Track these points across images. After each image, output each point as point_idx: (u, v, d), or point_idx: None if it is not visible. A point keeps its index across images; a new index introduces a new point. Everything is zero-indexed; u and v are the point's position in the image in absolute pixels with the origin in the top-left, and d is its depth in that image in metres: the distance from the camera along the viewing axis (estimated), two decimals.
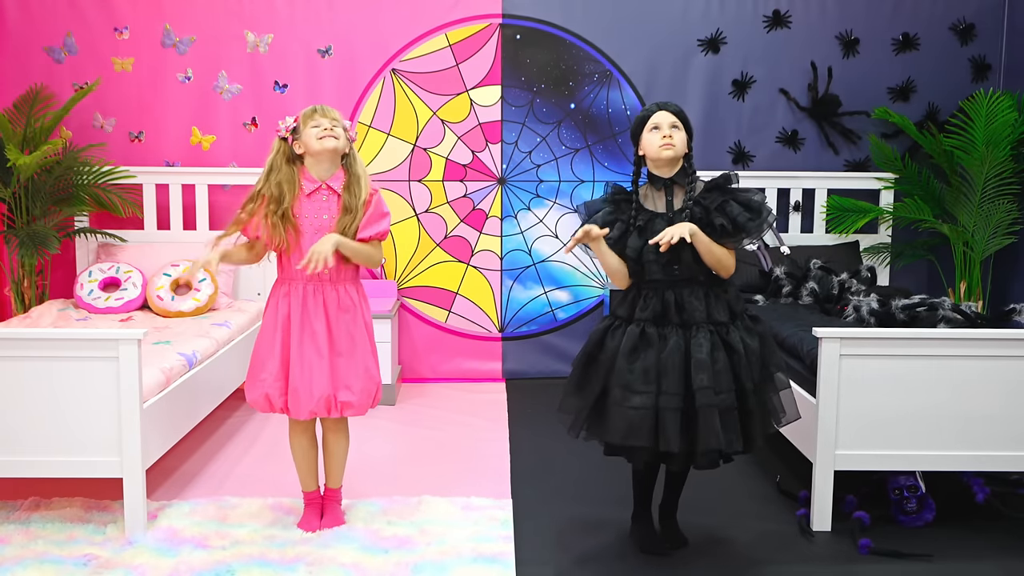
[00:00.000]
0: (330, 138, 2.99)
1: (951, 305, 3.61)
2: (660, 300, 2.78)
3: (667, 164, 2.83)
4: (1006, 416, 3.12)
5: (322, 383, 2.98)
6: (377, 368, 3.09)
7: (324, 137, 2.98)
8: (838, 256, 4.79)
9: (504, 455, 3.95)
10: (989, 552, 3.04)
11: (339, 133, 3.01)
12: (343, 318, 3.02)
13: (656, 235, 2.74)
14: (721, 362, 2.72)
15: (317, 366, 2.99)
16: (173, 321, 4.33)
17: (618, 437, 2.72)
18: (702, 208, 2.80)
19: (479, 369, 5.25)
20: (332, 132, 2.99)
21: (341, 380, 3.01)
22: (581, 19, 5.04)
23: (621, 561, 2.97)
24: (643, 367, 2.71)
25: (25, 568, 2.83)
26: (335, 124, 3.01)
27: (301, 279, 3.01)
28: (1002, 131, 4.61)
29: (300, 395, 2.99)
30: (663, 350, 2.72)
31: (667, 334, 2.75)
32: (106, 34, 4.90)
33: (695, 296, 2.78)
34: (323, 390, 2.98)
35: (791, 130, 5.16)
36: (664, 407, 2.68)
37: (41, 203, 4.62)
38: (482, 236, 5.18)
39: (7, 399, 3.03)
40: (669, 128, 2.80)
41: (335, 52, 4.99)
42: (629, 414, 2.69)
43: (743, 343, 2.77)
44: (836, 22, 5.10)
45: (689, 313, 2.76)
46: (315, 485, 3.23)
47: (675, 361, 2.70)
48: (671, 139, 2.80)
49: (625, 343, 2.75)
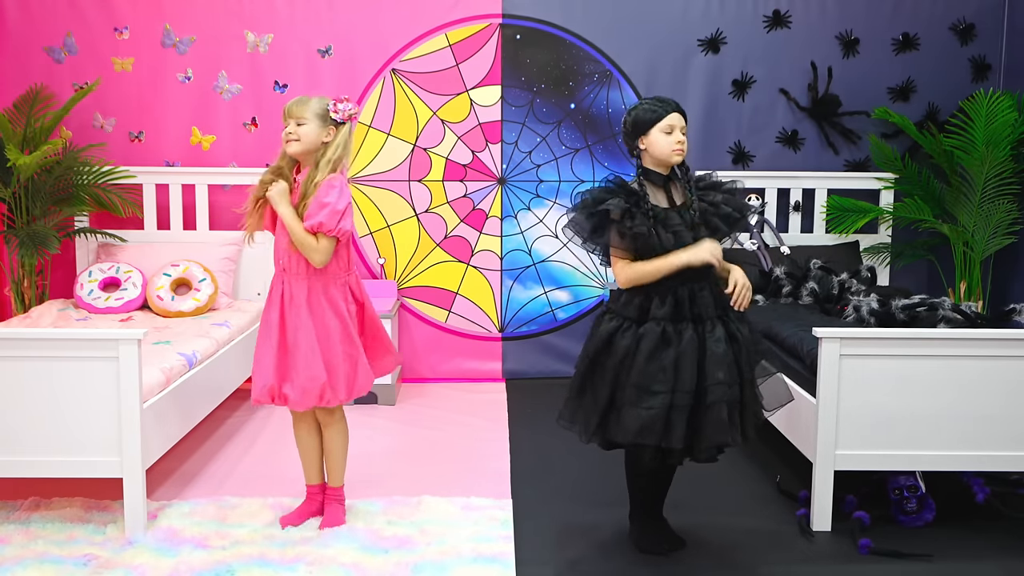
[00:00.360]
0: (292, 142, 3.01)
1: (951, 305, 3.61)
2: (674, 297, 2.77)
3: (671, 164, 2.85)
4: (1006, 416, 3.12)
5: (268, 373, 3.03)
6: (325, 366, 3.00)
7: (288, 141, 3.01)
8: (838, 256, 4.79)
9: (504, 455, 3.95)
10: (989, 552, 3.04)
11: (305, 132, 2.99)
12: (299, 312, 3.01)
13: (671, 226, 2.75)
14: (731, 354, 2.74)
15: (267, 356, 3.04)
16: (173, 321, 4.33)
17: (629, 437, 2.70)
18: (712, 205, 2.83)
19: (479, 369, 5.25)
20: (293, 135, 2.99)
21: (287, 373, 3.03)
22: (581, 19, 5.04)
23: (621, 561, 2.96)
24: (661, 366, 2.70)
25: (25, 568, 2.83)
26: (301, 122, 2.98)
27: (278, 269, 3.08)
28: (1002, 131, 4.61)
29: (254, 381, 3.09)
30: (679, 346, 2.72)
31: (682, 330, 2.74)
32: (106, 34, 4.90)
33: (705, 290, 2.78)
34: (267, 379, 3.03)
35: (791, 130, 5.16)
36: (676, 404, 2.68)
37: (41, 203, 4.62)
38: (482, 236, 5.18)
39: (7, 399, 3.02)
40: (680, 132, 2.80)
41: (335, 52, 4.99)
42: (643, 414, 2.67)
43: (739, 331, 2.79)
44: (836, 22, 5.10)
45: (700, 307, 2.76)
46: (315, 479, 3.23)
47: (690, 357, 2.70)
48: (683, 144, 2.80)
49: (645, 343, 2.72)
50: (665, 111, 2.80)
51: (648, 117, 2.82)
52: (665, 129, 2.80)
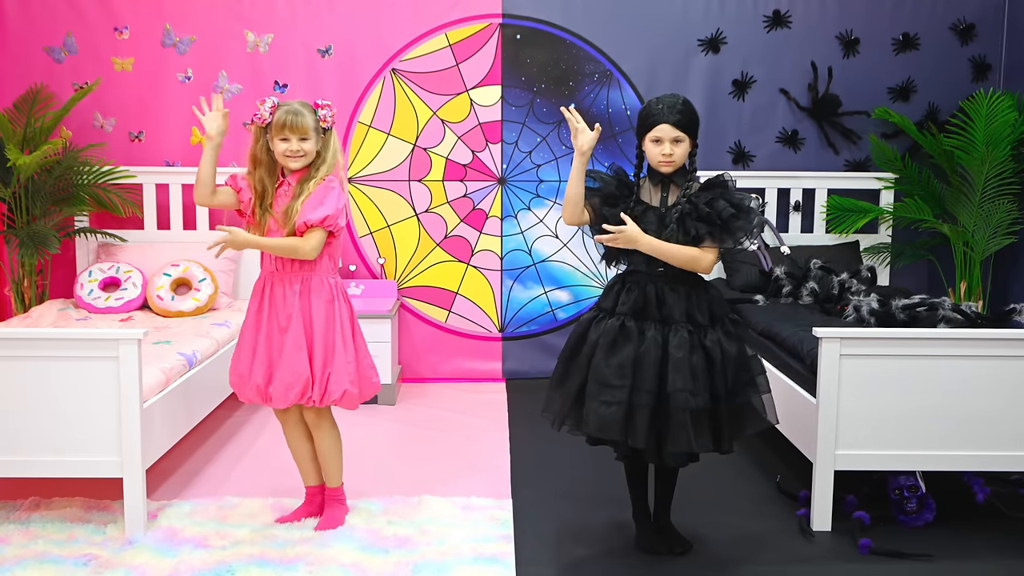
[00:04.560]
0: (296, 159, 2.99)
1: (951, 305, 3.61)
2: (642, 293, 2.79)
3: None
4: (1006, 416, 3.12)
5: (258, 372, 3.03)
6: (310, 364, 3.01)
7: (291, 157, 2.99)
8: (838, 256, 4.79)
9: (504, 455, 3.95)
10: (989, 552, 3.04)
11: (308, 148, 2.99)
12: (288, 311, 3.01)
13: (646, 225, 2.78)
14: (698, 364, 2.73)
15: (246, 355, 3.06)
16: (173, 321, 4.33)
17: (592, 430, 2.77)
18: (692, 206, 2.80)
19: (479, 369, 5.25)
20: (299, 152, 2.98)
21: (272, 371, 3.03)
22: (581, 19, 5.04)
23: (621, 561, 2.96)
24: (619, 362, 2.72)
25: (25, 568, 2.83)
26: (304, 138, 2.98)
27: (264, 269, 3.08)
28: (1002, 131, 4.61)
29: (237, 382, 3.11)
30: (640, 345, 2.73)
31: (645, 329, 2.76)
32: (106, 34, 4.90)
33: (676, 293, 2.79)
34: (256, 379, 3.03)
35: (791, 130, 5.16)
36: (636, 403, 2.70)
37: (41, 203, 4.62)
38: (482, 236, 5.18)
39: (7, 399, 3.02)
40: (670, 145, 2.79)
41: (335, 52, 4.99)
42: (601, 409, 2.71)
43: (720, 348, 2.76)
44: (836, 22, 5.10)
45: (668, 309, 2.77)
46: (312, 480, 3.24)
47: (651, 357, 2.72)
48: (671, 156, 2.79)
49: (604, 337, 2.77)
50: (655, 121, 2.80)
51: (641, 123, 2.85)
52: (654, 139, 2.81)
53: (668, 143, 2.79)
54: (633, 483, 3.04)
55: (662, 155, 2.79)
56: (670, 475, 3.03)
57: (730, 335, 2.81)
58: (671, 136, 2.79)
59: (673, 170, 2.83)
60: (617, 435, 2.72)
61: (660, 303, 2.78)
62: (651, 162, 2.84)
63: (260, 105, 3.00)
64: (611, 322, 2.78)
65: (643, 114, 2.85)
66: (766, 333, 3.92)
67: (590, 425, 2.76)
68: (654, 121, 2.80)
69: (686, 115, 2.80)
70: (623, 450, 2.91)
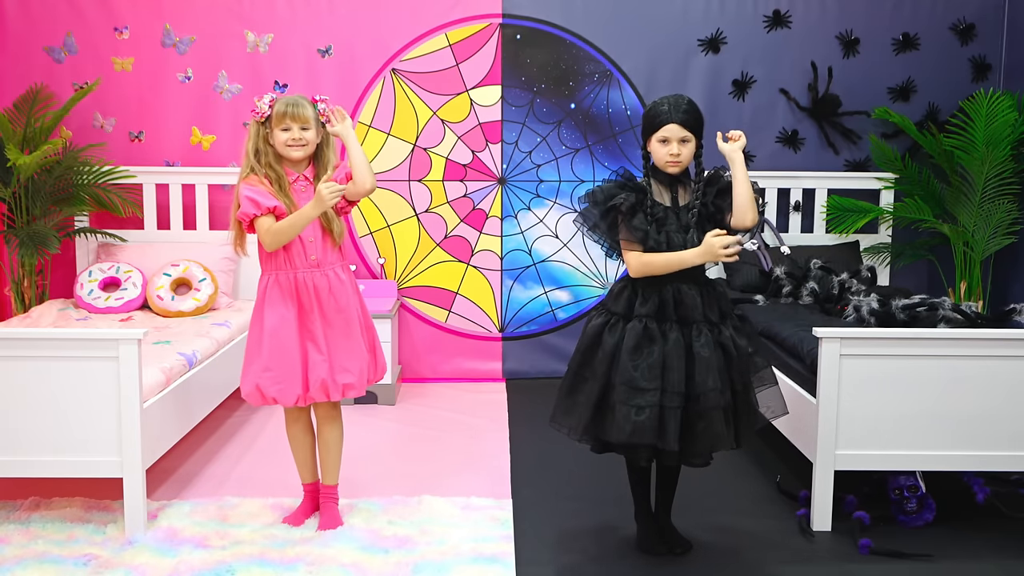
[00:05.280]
0: (298, 148, 3.00)
1: (951, 305, 3.61)
2: (659, 296, 2.78)
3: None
4: (1006, 416, 3.12)
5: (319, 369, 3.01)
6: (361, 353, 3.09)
7: (293, 146, 3.00)
8: (838, 256, 4.79)
9: (504, 455, 3.95)
10: (989, 552, 3.04)
11: (309, 137, 3.01)
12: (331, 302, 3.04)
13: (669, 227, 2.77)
14: (719, 361, 2.73)
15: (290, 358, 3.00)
16: (173, 321, 4.33)
17: (623, 436, 2.69)
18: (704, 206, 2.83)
19: (479, 369, 5.25)
20: (300, 141, 2.99)
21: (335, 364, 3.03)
22: (581, 19, 5.04)
23: (621, 561, 2.96)
24: (648, 364, 2.69)
25: (25, 568, 2.83)
26: (305, 127, 2.99)
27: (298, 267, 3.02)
28: (1002, 131, 4.61)
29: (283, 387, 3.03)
30: (665, 346, 2.72)
31: (667, 330, 2.74)
32: (106, 34, 4.90)
33: (693, 293, 2.78)
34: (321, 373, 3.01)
35: (791, 130, 5.16)
36: (667, 406, 2.68)
37: (41, 203, 4.62)
38: (482, 236, 5.18)
39: (7, 399, 3.02)
40: (678, 145, 2.78)
41: (335, 52, 4.99)
42: (634, 413, 2.67)
43: (734, 343, 2.77)
44: (836, 22, 5.10)
45: (686, 310, 2.76)
46: (313, 477, 3.24)
47: (676, 357, 2.70)
48: (678, 156, 2.79)
49: (628, 339, 2.73)
50: (662, 121, 2.79)
51: (648, 124, 2.84)
52: (660, 139, 2.80)
53: (675, 143, 2.78)
54: (636, 483, 3.04)
55: (669, 155, 2.79)
56: (672, 475, 3.03)
57: (739, 331, 2.82)
58: (678, 136, 2.78)
59: (680, 170, 2.82)
60: (651, 440, 2.67)
61: (677, 304, 2.77)
62: (658, 163, 2.83)
63: (258, 101, 3.01)
64: (633, 324, 2.75)
65: (649, 115, 2.84)
66: (766, 333, 3.91)
67: (623, 432, 2.68)
68: (661, 121, 2.79)
69: (692, 114, 2.81)
70: (646, 454, 2.81)
